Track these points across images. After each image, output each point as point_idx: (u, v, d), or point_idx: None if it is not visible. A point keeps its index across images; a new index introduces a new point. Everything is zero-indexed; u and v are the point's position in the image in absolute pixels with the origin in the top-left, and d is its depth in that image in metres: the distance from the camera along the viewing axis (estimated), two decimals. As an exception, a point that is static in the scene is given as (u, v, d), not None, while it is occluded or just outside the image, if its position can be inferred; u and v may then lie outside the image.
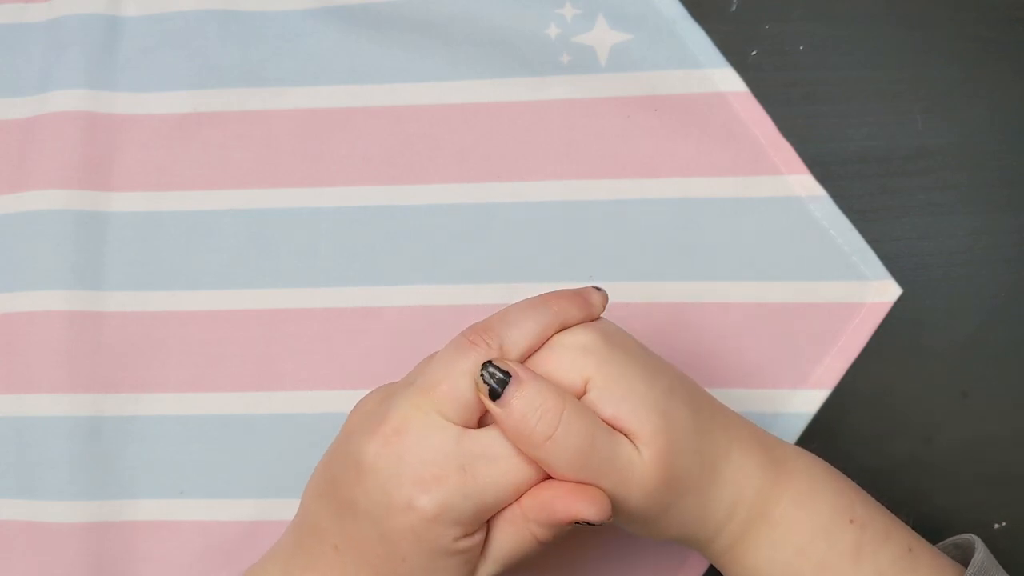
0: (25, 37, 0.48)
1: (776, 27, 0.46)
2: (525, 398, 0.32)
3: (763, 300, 0.44)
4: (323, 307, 0.46)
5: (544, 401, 0.32)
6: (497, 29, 0.46)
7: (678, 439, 0.34)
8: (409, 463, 0.32)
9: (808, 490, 0.36)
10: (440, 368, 0.33)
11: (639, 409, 0.33)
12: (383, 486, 0.33)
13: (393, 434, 0.33)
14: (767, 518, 0.35)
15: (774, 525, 0.35)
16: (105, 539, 0.45)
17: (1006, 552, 0.42)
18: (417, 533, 0.32)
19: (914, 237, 0.45)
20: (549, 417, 0.32)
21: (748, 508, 0.35)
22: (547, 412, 0.32)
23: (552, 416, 0.32)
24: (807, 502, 0.35)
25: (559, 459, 0.32)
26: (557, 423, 0.32)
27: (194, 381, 0.46)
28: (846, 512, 0.35)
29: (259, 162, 0.47)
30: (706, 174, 0.45)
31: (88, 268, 0.46)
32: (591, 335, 0.34)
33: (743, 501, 0.35)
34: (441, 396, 0.33)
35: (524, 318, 0.34)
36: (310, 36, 0.47)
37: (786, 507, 0.35)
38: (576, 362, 0.34)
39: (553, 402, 0.32)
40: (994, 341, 0.44)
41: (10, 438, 0.46)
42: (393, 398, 0.34)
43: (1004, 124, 0.45)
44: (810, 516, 0.35)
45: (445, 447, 0.33)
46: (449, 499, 0.32)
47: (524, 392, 0.32)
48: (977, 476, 0.44)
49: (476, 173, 0.46)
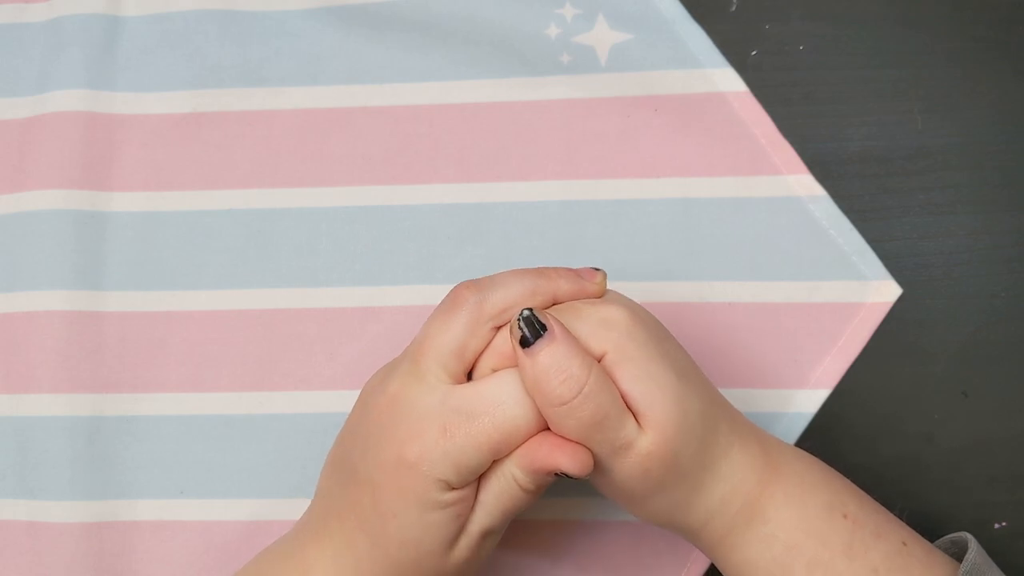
0: (25, 37, 0.48)
1: (776, 27, 0.46)
2: (553, 356, 0.32)
3: (763, 300, 0.44)
4: (323, 307, 0.46)
5: (571, 366, 0.32)
6: (497, 29, 0.46)
7: (685, 429, 0.34)
8: (400, 425, 0.34)
9: (801, 487, 0.36)
10: (427, 328, 0.35)
11: (654, 392, 0.33)
12: (376, 447, 0.34)
13: (389, 402, 0.34)
14: (759, 514, 0.35)
15: (765, 521, 0.35)
16: (105, 539, 0.45)
17: (1006, 552, 0.42)
18: (403, 486, 0.33)
19: (914, 237, 0.45)
20: (572, 384, 0.32)
21: (740, 503, 0.35)
22: (571, 378, 0.32)
23: (575, 384, 0.32)
24: (799, 498, 0.35)
25: (566, 424, 0.33)
26: (577, 392, 0.32)
27: (194, 381, 0.46)
28: (839, 508, 0.36)
29: (259, 162, 0.47)
30: (706, 174, 0.45)
31: (88, 268, 0.46)
32: (616, 310, 0.34)
33: (736, 496, 0.35)
34: (427, 356, 0.34)
35: (513, 282, 0.35)
36: (310, 36, 0.47)
37: (778, 504, 0.35)
38: (597, 333, 0.34)
39: (579, 369, 0.32)
40: (994, 341, 0.44)
41: (10, 438, 0.46)
42: (392, 370, 0.35)
43: (1004, 124, 0.45)
44: (801, 512, 0.35)
45: (431, 407, 0.34)
46: (428, 454, 0.33)
47: (554, 349, 0.32)
48: (977, 476, 0.44)
49: (476, 173, 0.46)
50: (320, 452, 0.44)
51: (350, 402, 0.37)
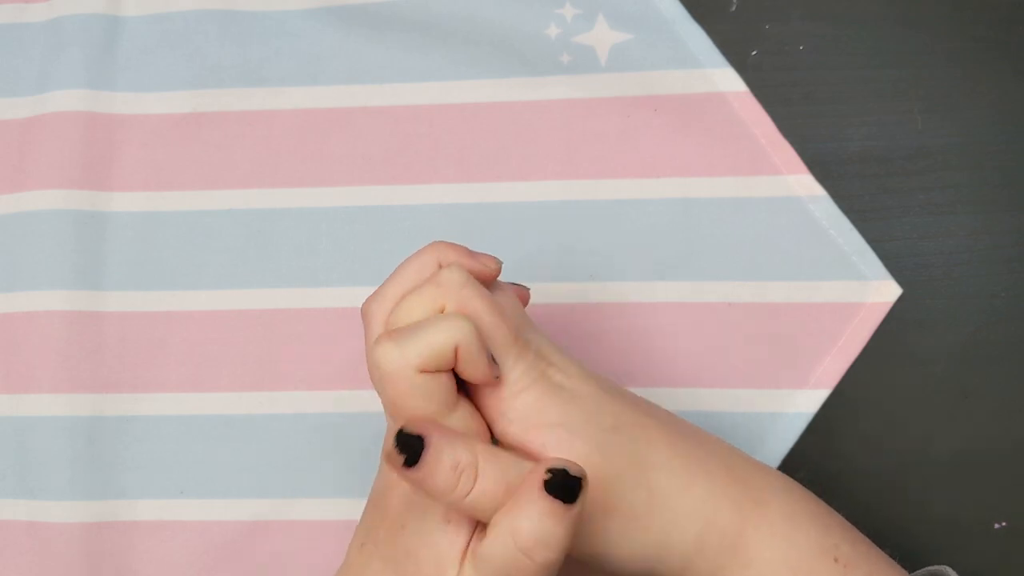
0: (25, 37, 0.48)
1: (776, 27, 0.46)
2: (440, 459, 0.30)
3: (763, 300, 0.44)
4: (323, 307, 0.46)
5: (460, 457, 0.30)
6: (497, 29, 0.46)
7: (609, 473, 0.32)
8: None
9: (789, 523, 0.33)
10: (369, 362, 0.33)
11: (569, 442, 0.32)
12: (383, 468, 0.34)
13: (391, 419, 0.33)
14: (740, 555, 0.33)
15: (748, 562, 0.33)
16: (105, 539, 0.45)
17: (1006, 552, 0.42)
18: (408, 498, 0.32)
19: (914, 237, 0.45)
20: (468, 473, 0.30)
21: (719, 541, 0.33)
22: (465, 467, 0.30)
23: (469, 472, 0.30)
24: (787, 537, 0.33)
25: (484, 508, 0.30)
26: (474, 477, 0.30)
27: (194, 381, 0.46)
28: (831, 551, 0.33)
29: (259, 162, 0.47)
30: (706, 174, 0.45)
31: (88, 268, 0.46)
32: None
33: (712, 533, 0.33)
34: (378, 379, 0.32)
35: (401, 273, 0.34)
36: (310, 36, 0.47)
37: (763, 542, 0.33)
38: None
39: (466, 455, 0.30)
40: (994, 341, 0.44)
41: (10, 438, 0.46)
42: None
43: (1004, 124, 0.44)
44: (787, 554, 0.33)
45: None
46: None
47: (440, 454, 0.30)
48: (977, 476, 0.44)
49: (476, 173, 0.46)
50: (320, 452, 0.44)
51: (350, 402, 0.37)
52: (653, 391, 0.44)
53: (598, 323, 0.45)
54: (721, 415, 0.44)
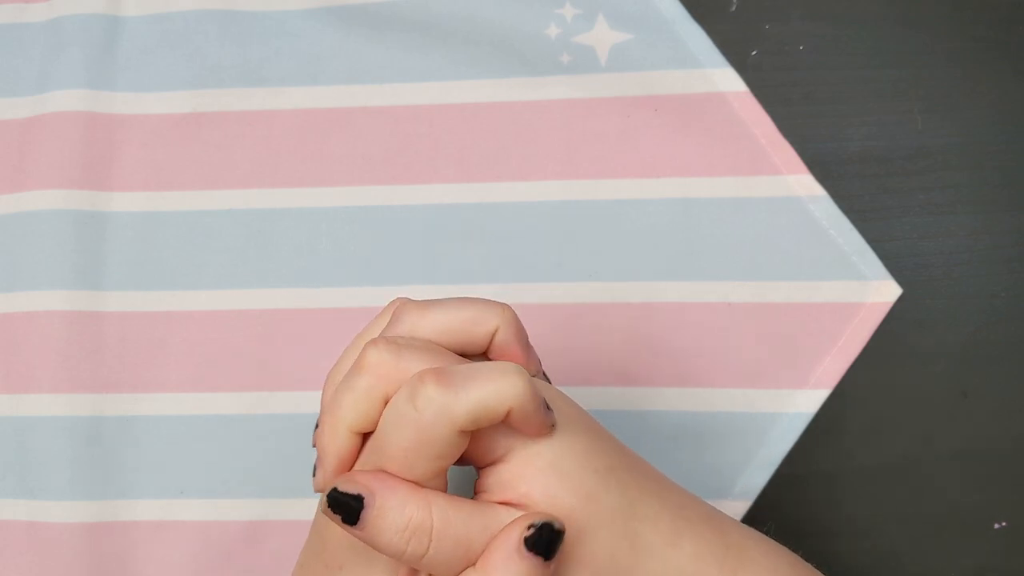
0: (25, 37, 0.48)
1: (776, 27, 0.46)
2: (386, 519, 0.27)
3: (763, 300, 0.44)
4: (323, 307, 0.46)
5: (411, 516, 0.27)
6: (497, 29, 0.46)
7: (592, 524, 0.29)
8: None
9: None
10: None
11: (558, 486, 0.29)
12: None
13: None
14: None
15: None
16: (105, 539, 0.45)
17: (1006, 552, 0.42)
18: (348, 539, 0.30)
19: (914, 237, 0.45)
20: (420, 536, 0.27)
21: None
22: (416, 529, 0.27)
23: (422, 532, 0.27)
24: None
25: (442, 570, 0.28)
26: (428, 539, 0.27)
27: (194, 381, 0.46)
28: None
29: (259, 162, 0.47)
30: (706, 174, 0.45)
31: (88, 268, 0.46)
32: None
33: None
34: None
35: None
36: (310, 36, 0.47)
37: None
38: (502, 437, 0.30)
39: (418, 514, 0.27)
40: (994, 341, 0.44)
41: (10, 438, 0.46)
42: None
43: (1004, 124, 0.45)
44: None
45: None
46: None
47: (384, 514, 0.27)
48: (977, 476, 0.44)
49: (476, 173, 0.46)
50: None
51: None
52: (653, 391, 0.44)
53: (598, 323, 0.45)
54: (721, 415, 0.44)
